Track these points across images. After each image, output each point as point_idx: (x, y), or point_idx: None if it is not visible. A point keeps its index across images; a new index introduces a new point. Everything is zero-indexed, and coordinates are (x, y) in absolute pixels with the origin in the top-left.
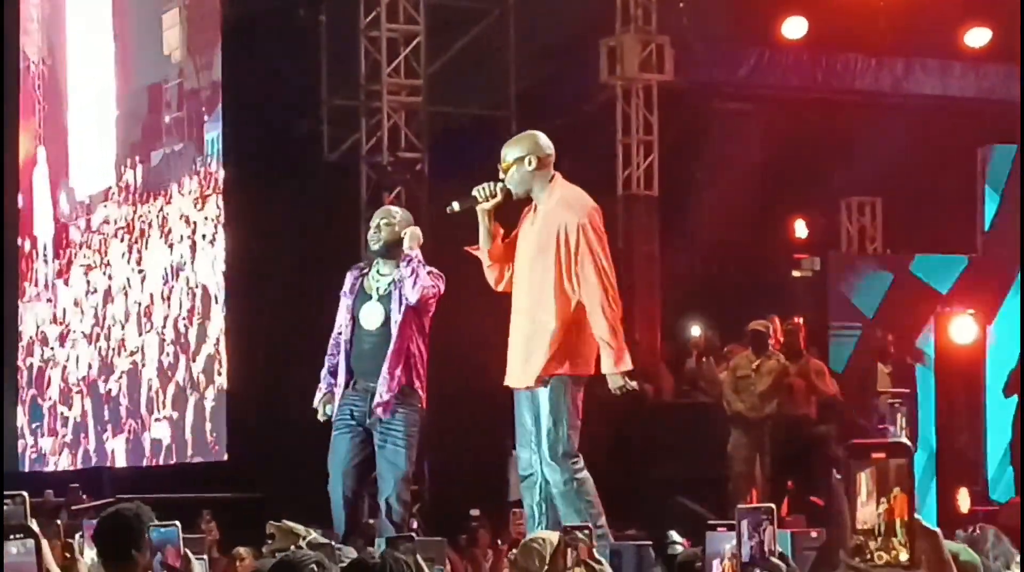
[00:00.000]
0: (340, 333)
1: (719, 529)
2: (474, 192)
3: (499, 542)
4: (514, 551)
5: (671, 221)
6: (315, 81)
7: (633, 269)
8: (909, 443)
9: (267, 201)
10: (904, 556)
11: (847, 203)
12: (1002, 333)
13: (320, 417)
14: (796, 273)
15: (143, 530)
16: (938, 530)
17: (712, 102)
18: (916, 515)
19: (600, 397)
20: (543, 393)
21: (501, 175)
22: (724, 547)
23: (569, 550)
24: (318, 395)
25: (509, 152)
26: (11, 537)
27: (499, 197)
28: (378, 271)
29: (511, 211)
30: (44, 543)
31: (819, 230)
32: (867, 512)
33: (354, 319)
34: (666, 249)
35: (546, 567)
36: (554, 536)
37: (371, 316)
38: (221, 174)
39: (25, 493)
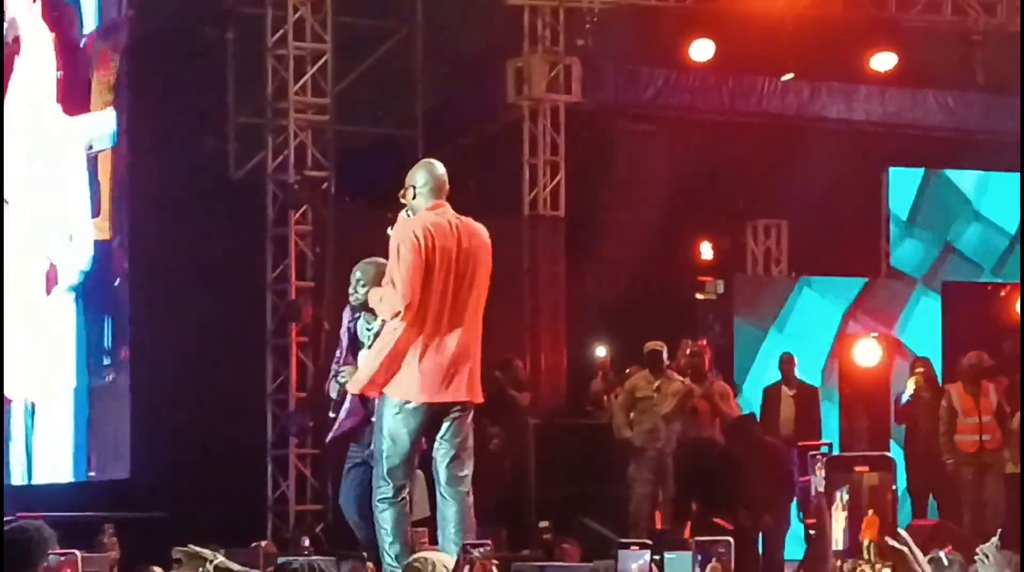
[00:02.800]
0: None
1: (632, 548)
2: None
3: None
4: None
5: (577, 242)
6: (221, 99)
7: (539, 290)
8: (891, 456)
9: (172, 218)
10: None
11: (753, 225)
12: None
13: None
14: (700, 295)
15: (44, 550)
16: (906, 549)
17: (619, 123)
18: (899, 531)
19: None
20: None
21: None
22: (633, 565)
23: (467, 567)
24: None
25: (407, 180)
26: None
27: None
28: (366, 321)
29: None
30: None
31: (724, 252)
32: (839, 531)
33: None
34: (572, 270)
35: None
36: (436, 556)
37: None
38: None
39: None
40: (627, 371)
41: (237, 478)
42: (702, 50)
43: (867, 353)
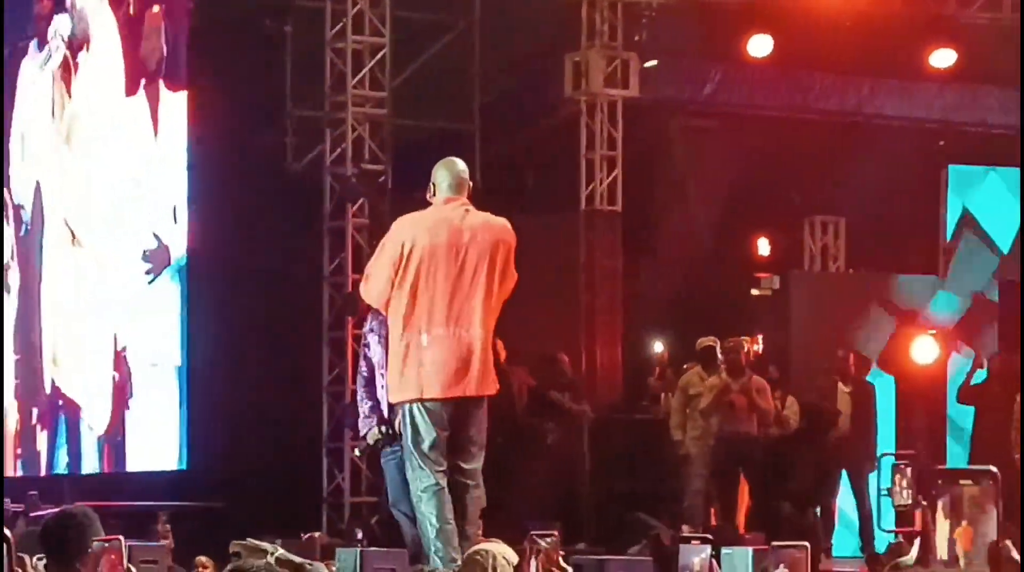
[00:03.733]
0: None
1: (693, 542)
2: None
3: None
4: (459, 562)
5: (634, 237)
6: (280, 92)
7: (595, 285)
8: (995, 470)
9: (231, 211)
10: None
11: (810, 222)
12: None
13: (370, 440)
14: (756, 291)
15: (87, 532)
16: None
17: (676, 119)
18: (1006, 541)
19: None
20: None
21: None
22: (696, 559)
23: (533, 558)
24: (365, 427)
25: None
26: None
27: None
28: None
29: None
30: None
31: (781, 248)
32: (943, 541)
33: None
34: (628, 265)
35: None
36: (498, 548)
37: None
38: (186, 181)
39: None
40: (684, 367)
41: (292, 470)
42: (761, 46)
43: (924, 350)
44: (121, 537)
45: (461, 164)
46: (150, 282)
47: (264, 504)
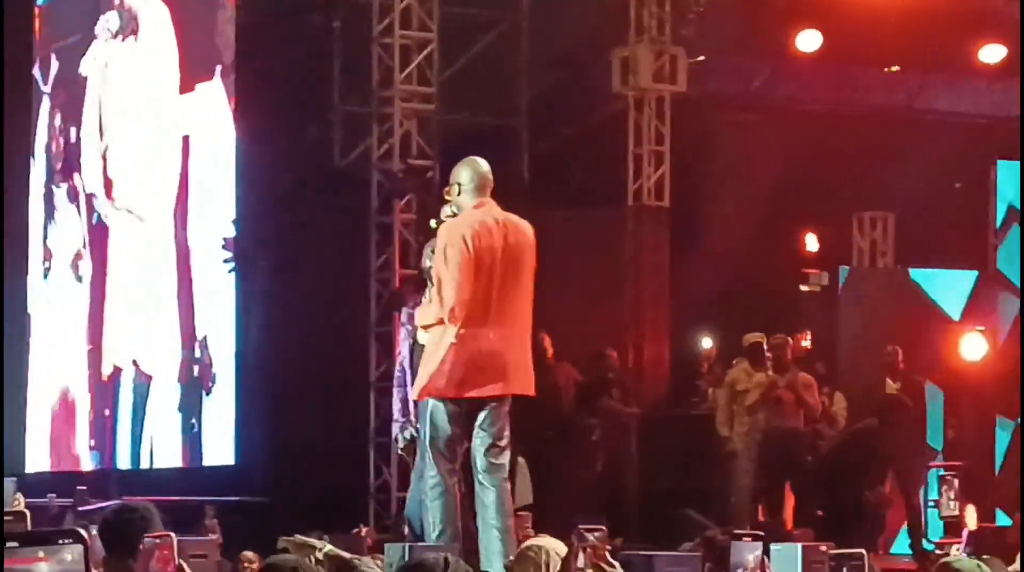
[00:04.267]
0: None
1: (744, 539)
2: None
3: None
4: (511, 559)
5: (681, 232)
6: (327, 87)
7: (642, 280)
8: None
9: (277, 206)
10: None
11: (859, 217)
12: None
13: (401, 445)
14: (804, 287)
15: (148, 528)
16: None
17: (725, 114)
18: None
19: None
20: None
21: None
22: (748, 556)
23: (581, 552)
24: (396, 428)
25: (452, 177)
26: (59, 541)
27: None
28: None
29: None
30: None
31: (830, 244)
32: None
33: None
34: (675, 260)
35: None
36: (550, 543)
37: None
38: (233, 176)
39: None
40: (733, 362)
41: (340, 465)
42: (809, 41)
43: (973, 346)
44: (172, 533)
45: (485, 164)
46: (229, 271)
47: (311, 499)
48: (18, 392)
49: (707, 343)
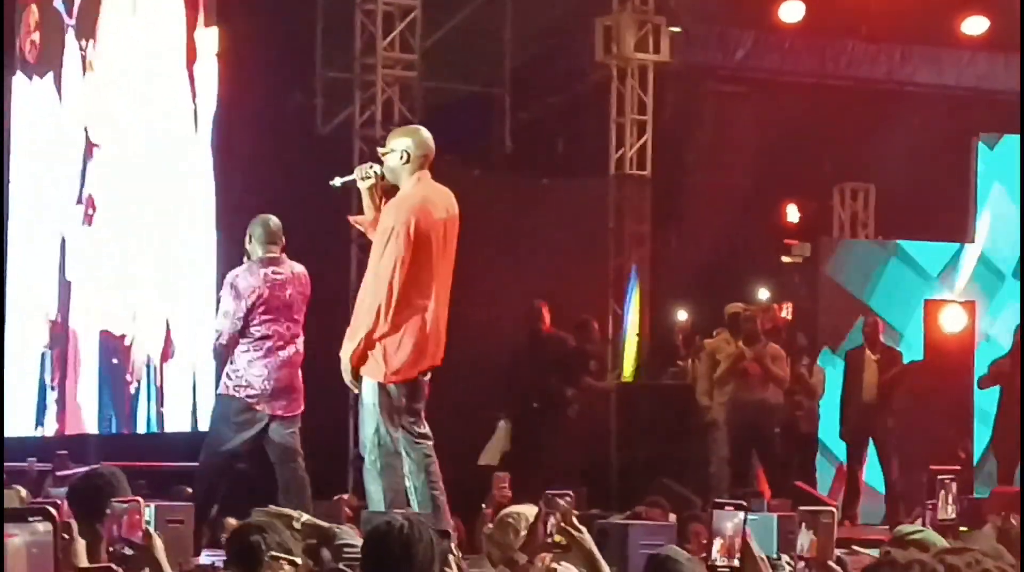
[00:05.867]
0: None
1: (726, 508)
2: (355, 172)
3: (483, 506)
4: (490, 525)
5: (663, 202)
6: (309, 53)
7: (623, 249)
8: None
9: (259, 172)
10: None
11: (840, 189)
12: (991, 323)
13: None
14: (787, 258)
15: (115, 493)
16: None
17: (707, 84)
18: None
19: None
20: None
21: (381, 158)
22: (728, 524)
23: (550, 517)
24: None
25: (392, 141)
26: (27, 519)
27: (373, 179)
28: None
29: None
30: (74, 527)
31: (811, 215)
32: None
33: None
34: (657, 231)
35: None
36: (528, 510)
37: None
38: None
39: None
40: (714, 333)
41: (318, 432)
42: (792, 11)
43: (953, 319)
44: (140, 499)
45: (428, 134)
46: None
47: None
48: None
49: (682, 316)
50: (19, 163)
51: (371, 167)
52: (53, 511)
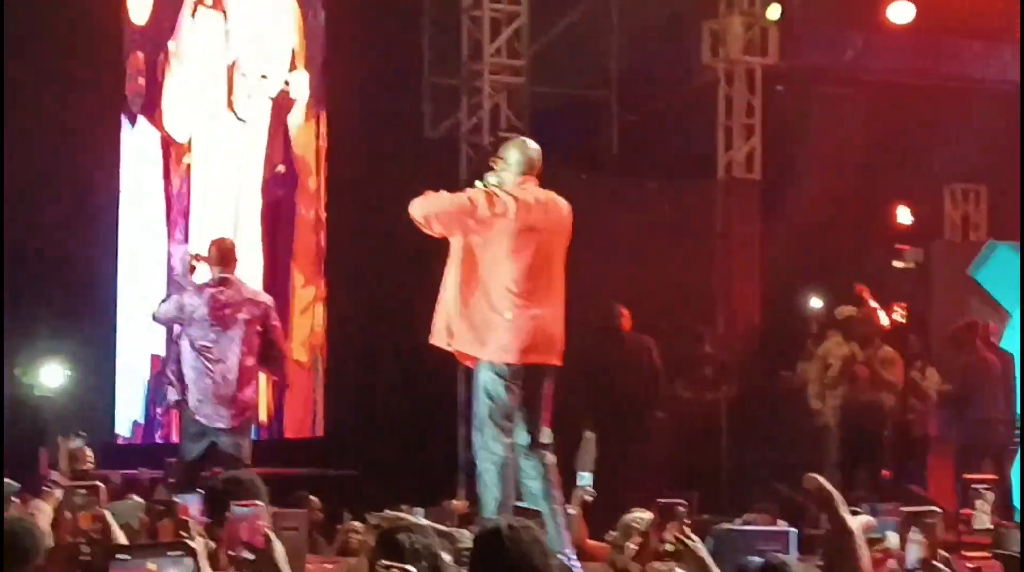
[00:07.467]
0: None
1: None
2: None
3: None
4: (613, 532)
5: (771, 205)
6: (417, 59)
7: (732, 252)
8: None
9: (367, 178)
10: None
11: (951, 190)
12: None
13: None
14: (898, 264)
15: (255, 498)
16: None
17: (816, 86)
18: None
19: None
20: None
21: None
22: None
23: (669, 525)
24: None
25: (502, 151)
26: (165, 553)
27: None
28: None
29: None
30: (193, 526)
31: (922, 217)
32: None
33: None
34: (766, 233)
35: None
36: (648, 515)
37: None
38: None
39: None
40: (827, 335)
41: (428, 437)
42: (902, 12)
43: None
44: (260, 503)
45: (534, 146)
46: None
47: (400, 471)
48: (106, 360)
49: (817, 303)
50: (128, 199)
51: (492, 176)
52: (195, 546)
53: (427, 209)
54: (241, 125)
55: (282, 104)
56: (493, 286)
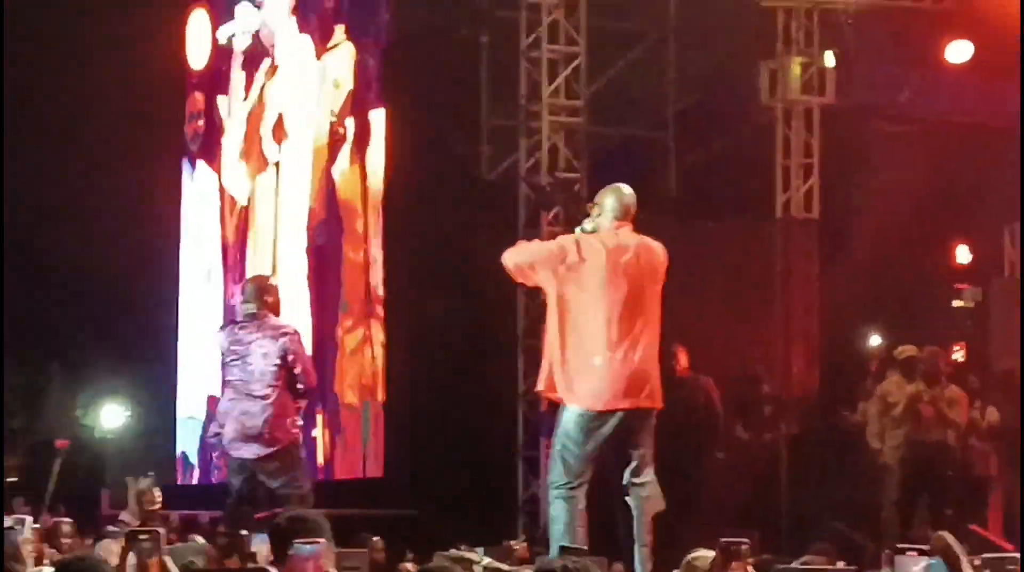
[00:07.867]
0: None
1: (908, 553)
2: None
3: None
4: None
5: (830, 244)
6: (475, 101)
7: (791, 292)
8: None
9: (426, 218)
10: None
11: (1010, 229)
12: None
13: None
14: (958, 303)
15: (319, 537)
16: None
17: (873, 125)
18: None
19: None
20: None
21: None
22: (914, 570)
23: (732, 564)
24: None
25: (598, 197)
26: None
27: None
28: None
29: None
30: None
31: (981, 255)
32: None
33: None
34: (825, 273)
35: None
36: (712, 554)
37: None
38: (381, 191)
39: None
40: (887, 375)
41: (488, 478)
42: (960, 51)
43: None
44: (322, 541)
45: (629, 191)
46: None
47: (459, 512)
48: (166, 402)
49: (876, 341)
50: (188, 241)
51: (588, 222)
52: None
53: (518, 258)
54: (287, 170)
55: (326, 149)
56: (586, 332)
